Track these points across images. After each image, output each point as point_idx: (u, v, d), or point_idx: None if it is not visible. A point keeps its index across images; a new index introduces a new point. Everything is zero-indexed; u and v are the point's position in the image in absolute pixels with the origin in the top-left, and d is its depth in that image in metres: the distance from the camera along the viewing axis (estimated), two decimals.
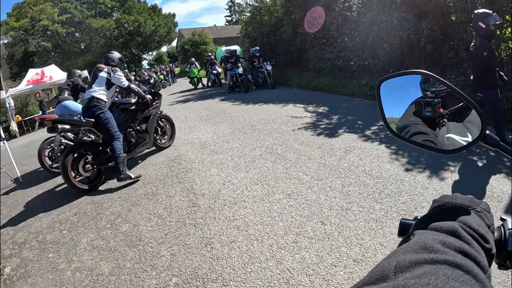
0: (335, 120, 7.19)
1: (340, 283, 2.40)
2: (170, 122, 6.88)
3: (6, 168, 6.44)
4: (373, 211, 3.32)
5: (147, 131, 5.87)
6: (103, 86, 5.18)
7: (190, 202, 4.13)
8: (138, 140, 5.72)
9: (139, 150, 5.85)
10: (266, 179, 4.46)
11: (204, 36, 37.51)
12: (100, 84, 5.17)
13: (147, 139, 5.88)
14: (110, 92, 5.31)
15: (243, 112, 9.28)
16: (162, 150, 6.59)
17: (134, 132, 5.64)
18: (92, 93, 5.10)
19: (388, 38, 9.16)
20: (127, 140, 5.53)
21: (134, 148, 5.67)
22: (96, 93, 5.09)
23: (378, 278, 0.40)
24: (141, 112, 5.75)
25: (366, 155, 4.85)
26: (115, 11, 41.58)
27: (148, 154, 6.43)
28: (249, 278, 2.60)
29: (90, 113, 5.03)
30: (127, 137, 5.53)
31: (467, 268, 0.41)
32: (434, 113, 0.76)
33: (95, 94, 5.08)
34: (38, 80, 15.44)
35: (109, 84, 5.23)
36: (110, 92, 5.31)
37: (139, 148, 5.78)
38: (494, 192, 3.43)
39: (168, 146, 6.73)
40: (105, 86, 5.19)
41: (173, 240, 3.33)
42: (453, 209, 0.60)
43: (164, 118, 6.67)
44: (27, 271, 3.25)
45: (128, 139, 5.54)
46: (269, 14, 16.61)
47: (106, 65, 5.37)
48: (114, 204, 4.44)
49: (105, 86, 5.19)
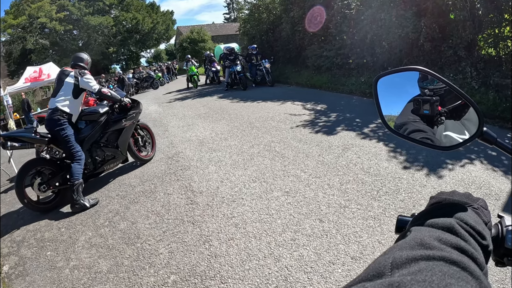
0: (333, 118, 7.19)
1: (338, 281, 2.41)
2: (149, 132, 5.99)
3: (4, 166, 6.43)
4: (371, 208, 3.33)
5: (119, 147, 5.11)
6: (70, 94, 4.51)
7: (188, 199, 4.13)
8: (105, 158, 5.01)
9: (108, 168, 5.16)
10: (264, 176, 4.46)
11: (203, 34, 37.45)
12: (66, 91, 4.51)
13: (117, 156, 5.15)
14: (77, 102, 4.63)
15: (242, 110, 9.27)
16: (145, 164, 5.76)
17: (100, 149, 4.93)
18: (56, 103, 4.46)
19: (387, 36, 9.16)
20: (92, 158, 4.86)
21: (101, 165, 4.99)
22: (61, 103, 4.46)
23: (374, 275, 0.40)
24: (112, 125, 4.99)
25: (364, 153, 4.86)
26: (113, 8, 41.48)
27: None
28: (247, 276, 2.61)
29: (51, 126, 4.45)
30: (92, 154, 4.86)
31: (463, 265, 0.41)
32: (432, 111, 0.76)
33: (59, 104, 4.45)
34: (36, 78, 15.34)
35: (76, 91, 4.55)
36: (77, 102, 4.63)
37: (107, 165, 5.09)
38: (492, 190, 3.44)
39: (150, 159, 5.89)
40: (72, 95, 4.52)
41: (171, 238, 3.33)
42: (450, 205, 0.60)
43: (143, 127, 5.84)
44: (25, 269, 3.24)
45: (93, 156, 4.87)
46: (268, 12, 16.58)
47: (73, 68, 4.74)
48: (112, 201, 4.43)
49: (71, 95, 4.52)
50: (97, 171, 4.99)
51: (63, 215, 4.28)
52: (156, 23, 43.29)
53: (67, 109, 4.47)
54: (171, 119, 9.46)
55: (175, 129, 8.02)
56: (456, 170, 4.03)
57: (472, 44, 7.39)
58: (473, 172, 3.94)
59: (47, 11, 34.27)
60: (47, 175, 4.47)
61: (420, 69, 0.76)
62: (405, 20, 8.52)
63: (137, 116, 5.34)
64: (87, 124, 4.84)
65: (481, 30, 7.16)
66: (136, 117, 5.31)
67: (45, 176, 4.44)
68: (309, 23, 12.71)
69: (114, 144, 5.08)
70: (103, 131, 4.94)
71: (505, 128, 5.42)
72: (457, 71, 7.38)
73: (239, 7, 35.62)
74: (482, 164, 4.12)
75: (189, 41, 36.83)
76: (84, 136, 4.72)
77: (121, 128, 5.08)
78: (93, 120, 4.86)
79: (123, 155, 5.26)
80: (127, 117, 5.10)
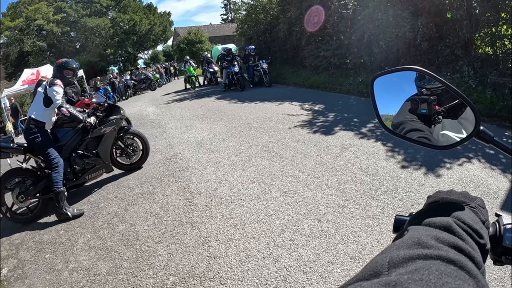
0: (331, 118, 7.20)
1: (337, 280, 2.41)
2: (142, 139, 5.54)
3: (2, 169, 6.40)
4: (369, 208, 3.33)
5: (99, 155, 4.91)
6: (41, 103, 4.43)
7: (187, 201, 4.12)
8: (85, 166, 4.82)
9: (90, 177, 4.93)
10: (263, 177, 4.46)
11: (200, 35, 37.40)
12: (37, 101, 4.48)
13: (98, 164, 4.92)
14: (50, 110, 4.53)
15: (239, 111, 9.27)
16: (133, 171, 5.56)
17: (79, 157, 4.75)
18: (30, 113, 4.48)
19: (384, 36, 9.18)
20: (71, 167, 4.70)
21: (82, 175, 4.79)
22: (33, 112, 4.44)
23: (371, 274, 0.40)
24: (91, 132, 4.83)
25: (362, 153, 4.86)
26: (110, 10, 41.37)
27: None
28: (246, 276, 2.60)
29: (26, 135, 4.45)
30: (71, 163, 4.69)
31: (460, 264, 0.41)
32: (430, 111, 0.76)
33: (32, 114, 4.44)
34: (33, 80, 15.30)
35: (47, 100, 4.42)
36: (50, 110, 4.53)
37: (88, 174, 4.86)
38: (490, 189, 3.45)
39: (138, 166, 5.62)
40: (43, 103, 4.43)
41: (170, 239, 3.33)
42: (448, 204, 0.60)
43: (133, 135, 5.47)
44: (24, 272, 3.23)
45: (72, 165, 4.69)
46: (265, 12, 16.59)
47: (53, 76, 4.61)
48: (111, 203, 4.43)
49: (42, 104, 4.43)
50: (78, 181, 4.79)
51: None
52: (154, 24, 43.18)
53: (39, 118, 4.42)
54: (169, 120, 9.45)
55: (173, 131, 8.01)
56: (454, 169, 4.03)
57: (469, 43, 7.41)
58: (471, 171, 3.94)
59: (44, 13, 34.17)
60: (26, 185, 4.41)
61: (417, 68, 0.76)
62: (402, 19, 8.54)
63: (119, 122, 5.10)
64: (65, 131, 4.72)
65: (478, 29, 7.18)
66: (117, 123, 5.07)
67: (23, 186, 4.38)
68: (307, 23, 12.72)
69: (94, 152, 4.90)
70: (82, 139, 4.80)
71: (503, 127, 5.43)
72: (454, 70, 7.40)
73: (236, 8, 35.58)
74: (480, 163, 4.13)
75: (187, 42, 36.79)
76: (62, 144, 4.61)
77: (101, 135, 4.90)
78: (71, 128, 4.74)
79: (105, 163, 5.00)
80: (106, 123, 4.93)
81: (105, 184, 5.14)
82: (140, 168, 5.64)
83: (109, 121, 4.96)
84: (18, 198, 4.31)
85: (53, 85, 4.39)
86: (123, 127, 5.31)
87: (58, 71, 4.59)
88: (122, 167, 5.53)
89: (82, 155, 4.79)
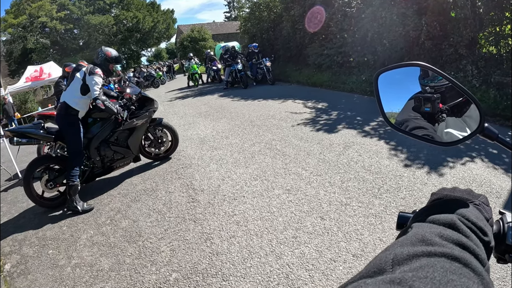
0: (334, 116, 7.19)
1: (340, 278, 2.41)
2: (172, 132, 5.56)
3: (5, 165, 6.43)
4: (372, 206, 3.33)
5: (129, 146, 4.94)
6: (77, 90, 4.29)
7: (190, 197, 4.13)
8: (114, 157, 4.86)
9: (117, 166, 5.02)
10: (266, 174, 4.46)
11: (203, 32, 37.38)
12: (74, 87, 4.32)
13: (127, 155, 4.98)
14: (86, 99, 4.38)
15: (242, 108, 9.27)
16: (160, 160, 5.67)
17: (109, 148, 4.77)
18: (65, 98, 4.34)
19: (388, 34, 9.15)
20: (100, 156, 4.74)
21: (110, 164, 4.89)
22: (69, 99, 4.31)
23: (375, 271, 0.40)
24: (123, 123, 4.81)
25: (365, 151, 4.85)
26: (113, 7, 41.44)
27: None
28: (248, 273, 2.61)
29: (58, 121, 4.42)
30: (100, 153, 4.72)
31: (465, 261, 0.41)
32: (434, 109, 0.76)
33: (67, 100, 4.30)
34: (36, 77, 15.36)
35: (84, 88, 4.27)
36: (86, 99, 4.38)
37: (116, 165, 4.96)
38: (493, 188, 3.44)
39: (165, 156, 5.71)
40: (80, 91, 4.28)
41: (172, 236, 3.34)
42: (452, 202, 0.60)
43: (164, 127, 5.50)
44: (27, 268, 3.25)
45: (101, 155, 4.74)
46: (268, 10, 16.56)
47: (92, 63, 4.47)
48: (114, 200, 4.44)
49: (79, 91, 4.28)
50: (106, 170, 4.90)
51: (65, 213, 4.28)
52: (157, 22, 43.23)
53: (73, 105, 4.29)
54: (172, 117, 9.45)
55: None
56: (457, 168, 4.02)
57: (473, 42, 7.38)
58: (474, 170, 3.93)
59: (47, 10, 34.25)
60: (54, 172, 4.44)
61: (421, 64, 0.76)
62: (406, 18, 8.51)
63: (151, 115, 5.11)
64: (97, 121, 4.71)
65: (482, 28, 7.15)
66: (150, 115, 5.08)
67: (52, 173, 4.41)
68: (309, 22, 12.69)
69: (125, 144, 4.93)
70: (113, 129, 4.79)
71: (506, 126, 5.41)
72: (458, 69, 7.38)
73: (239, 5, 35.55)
74: (483, 162, 4.12)
75: (190, 39, 36.76)
76: (93, 134, 4.62)
77: (132, 127, 4.91)
78: (104, 118, 4.72)
79: (134, 155, 5.08)
80: (139, 116, 4.92)
81: (108, 181, 5.15)
82: (169, 158, 5.72)
83: (142, 114, 4.96)
84: (47, 185, 4.35)
85: (93, 74, 4.23)
86: (154, 119, 5.34)
87: (104, 64, 4.46)
88: (150, 156, 5.60)
89: (112, 145, 4.81)
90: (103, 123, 4.70)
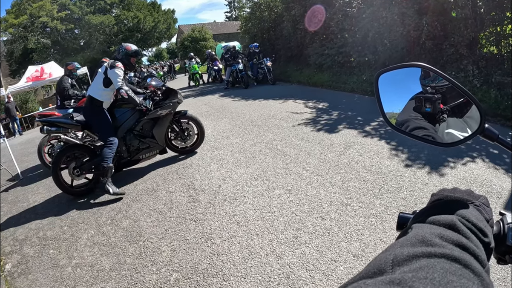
0: (335, 116, 7.19)
1: (340, 278, 2.41)
2: (198, 124, 5.65)
3: (6, 165, 6.45)
4: (373, 206, 3.33)
5: (154, 136, 5.11)
6: (100, 83, 4.65)
7: (190, 197, 4.13)
8: (140, 146, 5.06)
9: (144, 157, 5.18)
10: (266, 174, 4.46)
11: (204, 32, 37.42)
12: (97, 81, 4.69)
13: (152, 145, 5.15)
14: (109, 91, 4.72)
15: (243, 108, 9.27)
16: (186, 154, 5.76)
17: (134, 137, 4.99)
18: (90, 91, 4.74)
19: (389, 34, 9.14)
20: (126, 145, 4.95)
21: (136, 154, 5.07)
22: (93, 92, 4.69)
23: (375, 272, 0.40)
24: (148, 114, 4.99)
25: (366, 151, 4.85)
26: (114, 7, 41.45)
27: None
28: (249, 273, 2.61)
29: (84, 112, 4.78)
30: (126, 142, 4.94)
31: (465, 262, 0.41)
32: (434, 109, 0.76)
33: (92, 93, 4.68)
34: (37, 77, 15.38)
35: (106, 81, 4.62)
36: (109, 91, 4.72)
37: (143, 154, 5.13)
38: (494, 188, 3.43)
39: (191, 150, 5.80)
40: (102, 84, 4.64)
41: (173, 236, 3.34)
42: (452, 202, 0.60)
43: (189, 119, 5.58)
44: (28, 268, 3.25)
45: (127, 144, 4.95)
46: (269, 10, 16.54)
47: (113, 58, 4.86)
48: (114, 200, 4.44)
49: (102, 84, 4.64)
50: (133, 159, 5.09)
51: (66, 213, 4.29)
52: (158, 21, 43.22)
53: (97, 97, 4.65)
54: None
55: None
56: (457, 168, 4.02)
57: (473, 42, 7.37)
58: (475, 170, 3.93)
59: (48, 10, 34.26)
60: (81, 160, 4.67)
61: (422, 65, 0.76)
62: (407, 18, 8.50)
63: (175, 106, 5.24)
64: (123, 111, 4.94)
65: (483, 28, 7.14)
66: (174, 106, 5.21)
67: (79, 161, 4.65)
68: (310, 21, 12.69)
69: (150, 133, 5.11)
70: (138, 119, 5.00)
71: (507, 126, 5.41)
72: (458, 69, 7.37)
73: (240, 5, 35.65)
74: (484, 162, 4.11)
75: (191, 39, 36.81)
76: (119, 123, 4.86)
77: (157, 117, 5.07)
78: (129, 108, 4.95)
79: (160, 145, 5.24)
80: (163, 106, 5.09)
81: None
82: (195, 152, 5.82)
83: (165, 104, 5.11)
84: (73, 173, 4.59)
85: (115, 67, 4.57)
86: (179, 111, 5.47)
87: (125, 58, 4.78)
88: (176, 150, 5.73)
89: (137, 135, 5.03)
90: (128, 113, 4.95)
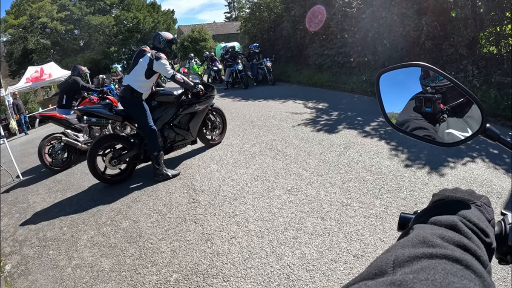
0: (334, 116, 7.19)
1: (340, 279, 2.41)
2: (221, 116, 6.06)
3: (6, 166, 6.43)
4: (373, 206, 3.33)
5: (189, 129, 5.32)
6: (142, 74, 4.60)
7: (190, 198, 4.13)
8: (176, 138, 5.22)
9: (177, 148, 5.40)
10: (266, 175, 4.46)
11: (204, 33, 37.34)
12: (138, 71, 4.62)
13: (187, 138, 5.35)
14: (149, 82, 4.73)
15: (243, 108, 9.26)
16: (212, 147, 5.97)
17: (172, 129, 5.14)
18: (129, 81, 4.65)
19: (388, 35, 9.15)
20: (163, 137, 5.07)
21: (172, 145, 5.24)
22: (133, 82, 4.61)
23: (376, 273, 0.40)
24: (185, 108, 5.16)
25: (366, 151, 4.85)
26: (114, 8, 41.44)
27: None
28: (249, 274, 2.61)
29: (123, 103, 4.79)
30: (163, 134, 5.06)
31: (466, 263, 0.40)
32: (435, 109, 0.76)
33: (131, 83, 4.61)
34: (37, 78, 15.40)
35: (149, 73, 4.62)
36: (149, 82, 4.73)
37: (177, 145, 5.32)
38: (494, 188, 3.43)
39: (218, 143, 6.09)
40: (144, 75, 4.61)
41: (173, 236, 3.34)
42: (453, 203, 0.60)
43: (215, 111, 5.92)
44: (28, 268, 3.25)
45: (164, 135, 5.08)
46: (269, 11, 16.54)
47: (152, 48, 4.81)
48: (114, 200, 4.43)
49: (144, 75, 4.60)
50: (166, 150, 5.21)
51: (66, 214, 4.29)
52: (157, 22, 43.19)
53: (137, 88, 4.63)
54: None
55: None
56: (458, 168, 4.02)
57: (473, 42, 7.37)
58: (475, 170, 3.93)
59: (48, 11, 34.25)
60: (118, 150, 4.83)
61: (422, 64, 0.76)
62: (406, 18, 8.51)
63: (210, 101, 5.48)
64: (161, 105, 5.04)
65: (482, 28, 7.14)
66: (209, 101, 5.44)
67: (117, 151, 4.80)
68: (310, 21, 12.69)
69: (186, 127, 5.29)
70: (176, 113, 5.14)
71: (506, 126, 5.41)
72: (458, 69, 7.37)
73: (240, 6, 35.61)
74: (484, 162, 4.11)
75: (190, 40, 36.73)
76: (157, 116, 4.94)
77: (194, 111, 5.26)
78: (167, 102, 5.07)
79: (193, 137, 5.45)
80: (200, 101, 5.27)
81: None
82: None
83: (203, 99, 5.30)
84: (110, 162, 4.72)
85: (160, 59, 4.60)
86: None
87: (167, 46, 4.88)
88: (206, 141, 5.92)
89: (175, 127, 5.19)
90: (166, 107, 5.07)
